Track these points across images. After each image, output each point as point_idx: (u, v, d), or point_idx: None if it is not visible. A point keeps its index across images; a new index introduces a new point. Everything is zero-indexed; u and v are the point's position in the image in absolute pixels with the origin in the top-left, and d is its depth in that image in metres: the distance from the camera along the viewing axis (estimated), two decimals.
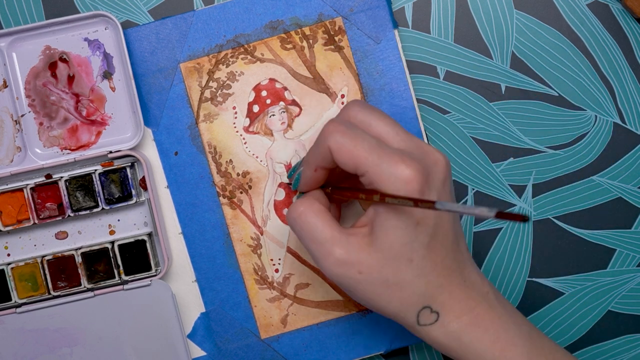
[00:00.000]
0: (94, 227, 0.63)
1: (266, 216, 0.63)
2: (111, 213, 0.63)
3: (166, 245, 0.62)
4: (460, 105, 0.63)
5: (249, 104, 0.62)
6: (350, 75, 0.62)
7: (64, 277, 0.62)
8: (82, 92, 0.62)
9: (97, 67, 0.62)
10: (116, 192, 0.61)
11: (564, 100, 0.63)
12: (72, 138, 0.62)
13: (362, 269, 0.52)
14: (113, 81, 0.62)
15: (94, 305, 0.62)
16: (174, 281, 0.63)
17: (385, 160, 0.51)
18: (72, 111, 0.62)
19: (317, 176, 0.56)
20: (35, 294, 0.62)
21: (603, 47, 0.63)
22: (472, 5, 0.63)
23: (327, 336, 0.63)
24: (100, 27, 0.61)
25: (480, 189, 0.64)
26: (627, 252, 0.64)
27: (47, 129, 0.62)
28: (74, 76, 0.62)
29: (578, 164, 0.64)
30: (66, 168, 0.62)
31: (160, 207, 0.62)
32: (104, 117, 0.62)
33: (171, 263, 0.62)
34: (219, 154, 0.62)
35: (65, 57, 0.62)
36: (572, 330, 0.64)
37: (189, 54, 0.62)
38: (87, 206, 0.62)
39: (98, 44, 0.62)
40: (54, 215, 0.62)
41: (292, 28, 0.62)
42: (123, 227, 0.63)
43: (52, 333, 0.62)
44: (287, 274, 0.63)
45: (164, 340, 0.62)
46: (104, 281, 0.62)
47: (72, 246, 0.63)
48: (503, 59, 0.63)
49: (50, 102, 0.62)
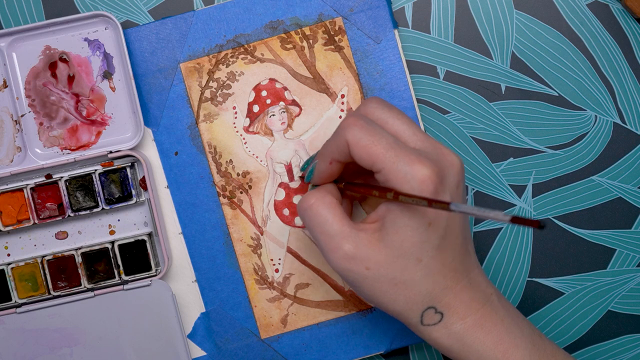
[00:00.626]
0: (94, 227, 0.63)
1: (266, 216, 0.63)
2: (111, 213, 0.63)
3: (166, 245, 0.62)
4: (460, 105, 0.63)
5: (249, 104, 0.62)
6: (350, 75, 0.62)
7: (64, 277, 0.62)
8: (82, 92, 0.62)
9: (97, 67, 0.62)
10: (116, 192, 0.61)
11: (564, 100, 0.63)
12: (72, 138, 0.62)
13: (370, 265, 0.52)
14: (113, 81, 0.62)
15: (94, 305, 0.62)
16: (174, 281, 0.63)
17: (402, 159, 0.51)
18: (72, 111, 0.62)
19: (332, 169, 0.55)
20: (36, 294, 0.62)
21: (603, 47, 0.63)
22: (472, 5, 0.63)
23: (327, 336, 0.63)
24: (101, 27, 0.61)
25: (480, 189, 0.64)
26: (627, 252, 0.64)
27: (47, 129, 0.62)
28: (74, 76, 0.62)
29: (578, 164, 0.64)
30: (66, 168, 0.62)
31: (160, 207, 0.62)
32: (104, 117, 0.62)
33: (171, 263, 0.62)
34: (219, 154, 0.62)
35: (65, 57, 0.62)
36: (572, 330, 0.64)
37: (189, 54, 0.62)
38: (87, 206, 0.61)
39: (98, 44, 0.62)
40: (54, 215, 0.62)
41: (292, 28, 0.62)
42: (123, 227, 0.63)
43: (52, 333, 0.62)
44: (287, 274, 0.63)
45: (164, 341, 0.62)
46: (104, 281, 0.62)
47: (72, 246, 0.63)
48: (503, 59, 0.63)
49: (50, 102, 0.62)
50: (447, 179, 0.52)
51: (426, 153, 0.52)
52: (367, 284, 0.53)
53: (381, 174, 0.52)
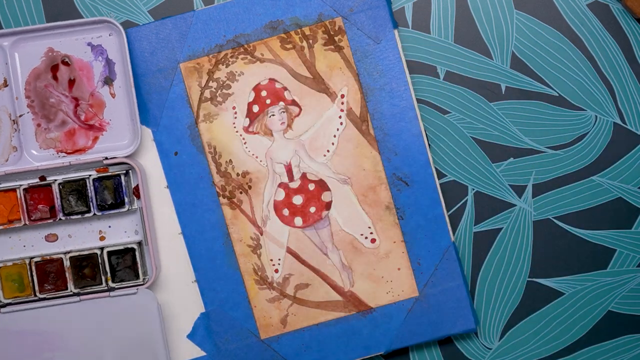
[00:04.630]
0: (84, 231, 0.63)
1: (266, 216, 0.63)
2: (103, 219, 0.63)
3: (156, 256, 0.62)
4: (460, 105, 0.63)
5: (248, 104, 0.62)
6: (350, 75, 0.62)
7: (51, 280, 0.62)
8: (81, 97, 0.62)
9: (98, 72, 0.62)
10: (109, 199, 0.61)
11: (564, 100, 0.63)
12: (68, 141, 0.62)
13: None
14: (114, 87, 0.62)
15: (79, 310, 0.61)
16: (173, 281, 0.63)
17: None
18: (70, 114, 0.62)
19: None
20: (21, 294, 0.62)
21: (603, 47, 0.63)
22: (472, 5, 0.63)
23: (327, 336, 0.63)
24: (105, 32, 0.62)
25: (480, 189, 0.64)
26: (627, 252, 0.64)
27: (45, 130, 0.62)
28: (75, 80, 0.62)
29: (578, 164, 0.64)
30: (61, 171, 0.62)
31: (152, 217, 0.62)
32: (102, 123, 0.62)
33: (159, 273, 0.62)
34: (218, 154, 0.62)
35: (67, 60, 0.62)
36: (572, 330, 0.64)
37: (189, 54, 0.62)
38: (79, 211, 0.61)
39: (101, 49, 0.62)
40: (45, 217, 0.61)
41: (292, 28, 0.62)
42: (114, 234, 0.63)
43: (35, 336, 0.62)
44: (286, 274, 0.63)
45: (146, 350, 0.61)
46: (90, 287, 0.62)
47: (61, 249, 0.63)
48: (503, 59, 0.63)
49: (49, 104, 0.62)
50: None
51: None
52: None
53: None
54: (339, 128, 0.62)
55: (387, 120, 0.62)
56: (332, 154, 0.63)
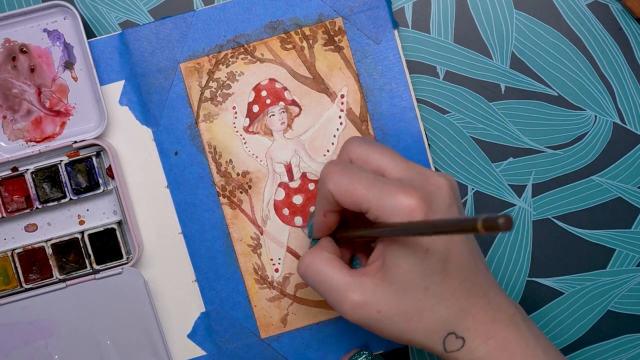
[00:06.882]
0: (63, 218, 0.63)
1: (266, 216, 0.63)
2: (80, 203, 0.63)
3: (136, 233, 0.62)
4: (460, 105, 0.63)
5: (248, 104, 0.62)
6: (350, 75, 0.62)
7: (35, 270, 0.62)
8: (44, 83, 0.62)
9: (57, 57, 0.62)
10: (83, 182, 0.61)
11: (564, 100, 0.63)
12: (36, 130, 0.62)
13: (381, 307, 0.51)
14: (75, 71, 0.62)
15: (66, 296, 0.62)
16: (173, 281, 0.63)
17: (386, 193, 0.50)
18: (35, 103, 0.62)
19: (328, 221, 0.55)
20: (7, 287, 0.62)
21: (603, 47, 0.63)
22: (472, 5, 0.63)
23: (327, 336, 0.63)
24: (59, 17, 0.61)
25: (480, 189, 0.64)
26: (627, 252, 0.64)
27: (11, 122, 0.62)
28: (35, 67, 0.62)
29: (578, 164, 0.64)
30: (32, 160, 0.62)
31: (128, 195, 0.62)
32: (68, 108, 0.62)
33: (142, 250, 0.62)
34: (218, 154, 0.62)
35: (25, 49, 0.62)
36: (572, 330, 0.64)
37: (189, 54, 0.62)
38: (55, 197, 0.61)
39: (58, 34, 0.61)
40: (22, 208, 0.61)
41: (292, 28, 0.62)
42: (92, 217, 0.63)
43: (26, 326, 0.62)
44: (287, 273, 0.63)
45: (139, 328, 0.62)
46: (75, 271, 0.62)
47: (42, 238, 0.63)
48: (503, 59, 0.63)
49: (12, 94, 0.62)
50: (436, 203, 0.51)
51: (411, 181, 0.51)
52: (384, 326, 0.52)
53: (370, 213, 0.51)
54: (338, 128, 0.62)
55: (387, 121, 0.62)
56: (332, 153, 0.63)
